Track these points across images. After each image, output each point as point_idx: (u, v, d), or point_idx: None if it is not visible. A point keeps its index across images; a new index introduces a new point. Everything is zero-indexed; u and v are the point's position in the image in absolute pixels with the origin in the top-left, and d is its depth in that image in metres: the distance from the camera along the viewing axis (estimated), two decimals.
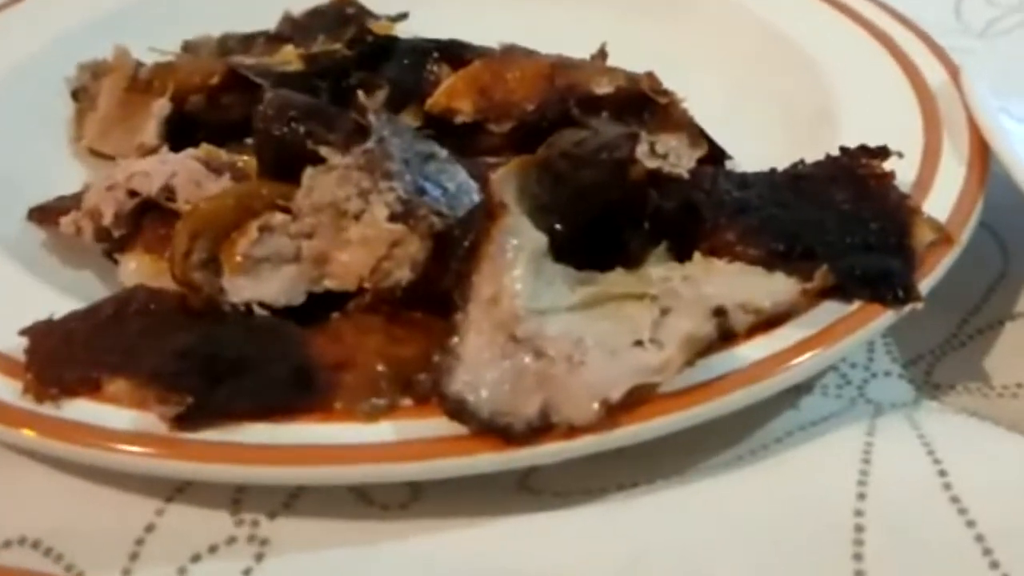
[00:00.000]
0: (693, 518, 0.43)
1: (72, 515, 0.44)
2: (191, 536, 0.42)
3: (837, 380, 0.51)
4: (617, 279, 0.49)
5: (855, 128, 0.62)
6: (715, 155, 0.62)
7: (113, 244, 0.55)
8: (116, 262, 0.55)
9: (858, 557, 0.42)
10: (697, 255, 0.51)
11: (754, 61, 0.71)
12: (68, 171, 0.64)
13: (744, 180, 0.56)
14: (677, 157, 0.60)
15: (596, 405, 0.41)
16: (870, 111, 0.63)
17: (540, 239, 0.46)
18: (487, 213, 0.45)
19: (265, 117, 0.51)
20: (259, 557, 0.42)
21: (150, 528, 0.43)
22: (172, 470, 0.41)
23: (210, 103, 0.64)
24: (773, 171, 0.57)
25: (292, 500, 0.44)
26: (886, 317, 0.47)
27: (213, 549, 0.42)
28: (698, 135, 0.62)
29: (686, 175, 0.57)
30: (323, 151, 0.49)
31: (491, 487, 0.45)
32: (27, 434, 0.42)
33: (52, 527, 0.43)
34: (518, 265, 0.44)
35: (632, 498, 0.44)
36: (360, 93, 0.54)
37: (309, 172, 0.49)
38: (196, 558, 0.42)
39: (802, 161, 0.57)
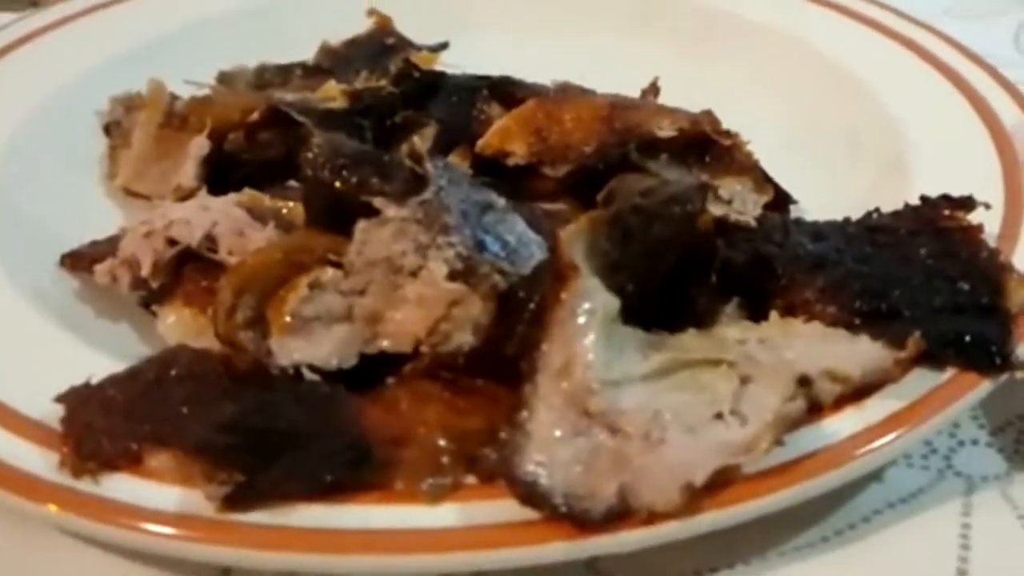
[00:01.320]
0: None
1: None
2: None
3: (922, 449, 0.48)
4: (690, 342, 0.46)
5: (928, 171, 0.59)
6: (780, 200, 0.59)
7: (151, 295, 0.53)
8: (153, 313, 0.53)
9: None
10: (773, 315, 0.48)
11: (816, 97, 0.68)
12: (101, 211, 0.61)
13: (817, 231, 0.53)
14: (742, 203, 0.57)
15: (679, 490, 0.38)
16: (943, 153, 0.60)
17: (612, 302, 0.43)
18: (556, 274, 0.42)
19: (314, 165, 0.48)
20: None
21: None
22: (220, 556, 0.38)
23: (249, 141, 0.62)
24: (847, 221, 0.54)
25: None
26: (982, 387, 0.44)
27: None
28: (763, 179, 0.58)
29: (754, 223, 0.55)
30: (377, 202, 0.46)
31: (555, 571, 0.42)
32: (60, 513, 0.39)
33: None
34: (590, 332, 0.41)
35: None
36: (416, 140, 0.51)
37: (362, 225, 0.46)
38: None
39: (877, 210, 0.54)
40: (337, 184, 0.47)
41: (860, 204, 0.55)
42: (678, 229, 0.47)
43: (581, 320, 0.41)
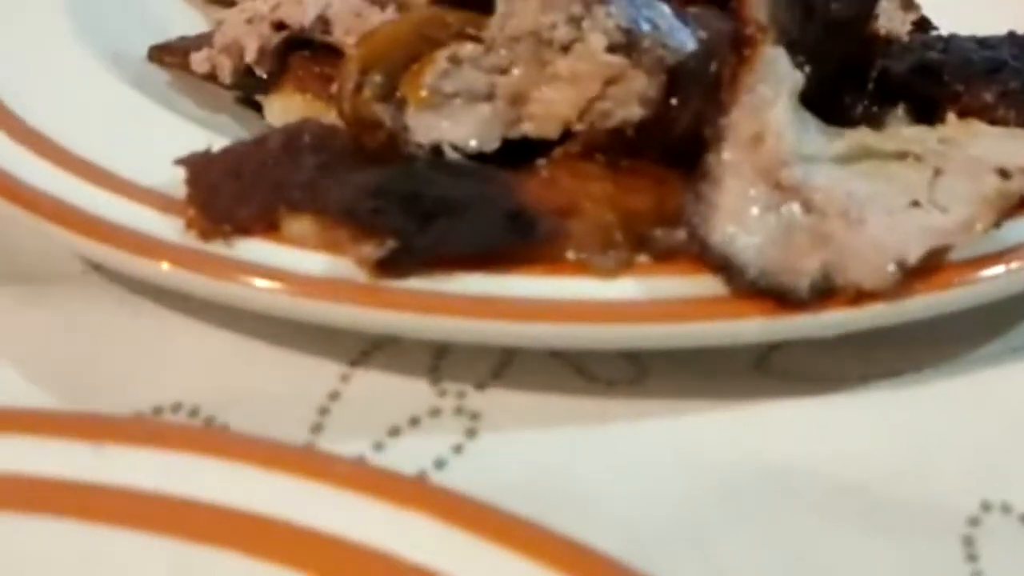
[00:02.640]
0: (976, 411, 0.37)
1: (237, 380, 0.37)
2: (385, 406, 0.35)
3: None
4: (870, 136, 0.42)
5: None
6: (923, 22, 0.55)
7: (254, 86, 0.48)
8: (257, 108, 0.48)
9: None
10: (951, 117, 0.44)
11: None
12: (182, 20, 0.56)
13: (982, 41, 0.49)
14: (890, 20, 0.53)
15: (892, 267, 0.34)
16: None
17: (797, 76, 0.38)
18: (741, 39, 0.37)
19: None
20: (471, 432, 0.35)
21: (334, 396, 0.36)
22: (373, 322, 0.34)
23: None
24: (1012, 34, 0.50)
25: (501, 369, 0.37)
26: None
27: (414, 422, 0.35)
28: None
29: (905, 37, 0.51)
30: None
31: (726, 369, 0.38)
32: (192, 275, 0.35)
33: (214, 393, 0.36)
34: (780, 101, 0.37)
35: (898, 388, 0.38)
36: None
37: None
38: (394, 431, 0.35)
39: None
40: None
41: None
42: (857, 13, 0.43)
43: (770, 88, 0.37)
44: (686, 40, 0.43)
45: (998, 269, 0.35)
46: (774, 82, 0.37)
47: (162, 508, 0.30)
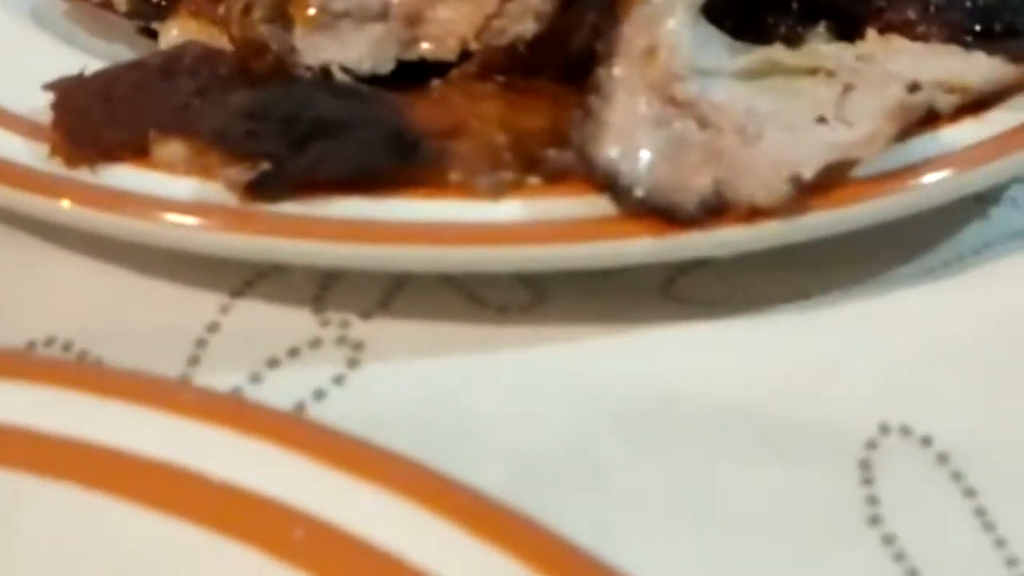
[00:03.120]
0: (886, 333, 0.35)
1: (111, 313, 0.35)
2: (265, 337, 0.34)
3: None
4: (780, 53, 0.40)
5: None
6: None
7: (150, 14, 0.46)
8: (154, 37, 0.47)
9: None
10: (871, 33, 0.42)
11: None
12: None
13: None
14: None
15: (785, 182, 0.33)
16: None
17: None
18: None
19: None
20: (353, 363, 0.33)
21: (213, 328, 0.34)
22: (245, 248, 0.32)
23: None
24: None
25: (388, 298, 0.35)
26: None
27: (294, 352, 0.34)
28: None
29: None
30: None
31: (627, 293, 0.37)
32: (53, 203, 0.33)
33: (87, 327, 0.35)
34: (677, 13, 0.36)
35: (806, 310, 0.36)
36: None
37: None
38: (274, 362, 0.33)
39: None
40: None
41: None
42: None
43: (665, 1, 0.36)
44: None
45: (901, 184, 0.34)
46: None
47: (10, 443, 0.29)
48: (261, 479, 0.28)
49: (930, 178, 0.34)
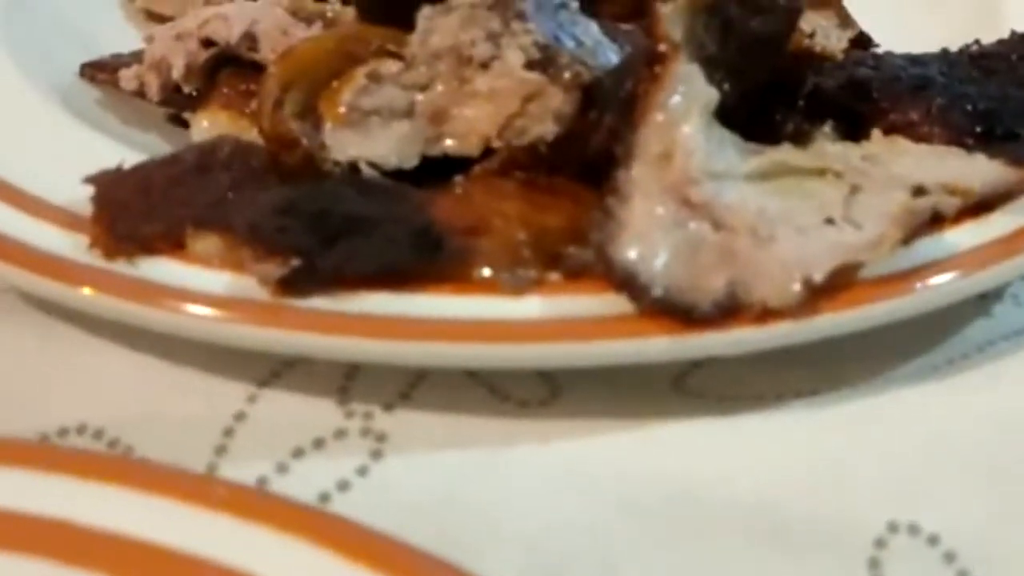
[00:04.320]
0: (893, 430, 0.36)
1: (142, 402, 0.36)
2: (290, 428, 0.35)
3: None
4: (790, 153, 0.41)
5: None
6: (861, 40, 0.55)
7: (182, 103, 0.48)
8: (184, 125, 0.48)
9: None
10: (876, 134, 0.44)
11: None
12: (119, 36, 0.56)
13: (914, 59, 0.49)
14: (826, 37, 0.53)
15: (797, 285, 0.34)
16: None
17: (711, 93, 0.38)
18: (653, 56, 0.37)
19: None
20: (376, 454, 0.34)
21: (240, 417, 0.35)
22: (275, 342, 0.34)
23: None
24: (946, 51, 0.50)
25: (411, 390, 0.36)
26: None
27: (319, 443, 0.35)
28: (847, 15, 0.54)
29: (840, 55, 0.51)
30: None
31: (640, 387, 0.38)
32: (92, 295, 0.34)
33: (118, 415, 0.36)
34: (691, 118, 0.37)
35: (815, 407, 0.37)
36: None
37: (426, 12, 0.41)
38: (299, 452, 0.34)
39: (977, 42, 0.50)
40: None
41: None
42: (778, 29, 0.42)
43: (681, 105, 0.37)
44: (610, 57, 0.44)
45: (907, 287, 0.35)
46: (686, 99, 0.37)
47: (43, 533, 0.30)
48: (277, 569, 0.29)
49: (936, 280, 0.36)
